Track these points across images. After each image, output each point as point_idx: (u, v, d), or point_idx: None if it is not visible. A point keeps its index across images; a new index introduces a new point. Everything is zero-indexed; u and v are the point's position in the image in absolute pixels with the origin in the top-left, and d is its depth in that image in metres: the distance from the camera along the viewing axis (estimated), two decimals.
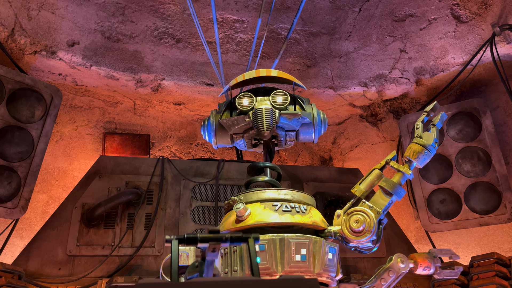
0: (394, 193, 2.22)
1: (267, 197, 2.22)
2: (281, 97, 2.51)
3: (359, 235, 2.17)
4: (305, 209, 2.20)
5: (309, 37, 4.88)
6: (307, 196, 2.31)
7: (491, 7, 4.17)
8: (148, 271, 3.47)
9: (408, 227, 4.86)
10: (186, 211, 3.79)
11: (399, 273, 2.31)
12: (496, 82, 4.53)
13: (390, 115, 5.10)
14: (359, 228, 2.17)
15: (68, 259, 3.39)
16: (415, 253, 2.42)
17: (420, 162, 2.27)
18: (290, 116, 2.46)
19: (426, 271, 2.40)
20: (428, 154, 2.25)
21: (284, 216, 2.12)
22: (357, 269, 3.83)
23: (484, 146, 4.24)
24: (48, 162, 4.48)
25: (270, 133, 2.43)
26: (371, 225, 2.15)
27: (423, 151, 2.24)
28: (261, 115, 2.45)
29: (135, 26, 4.51)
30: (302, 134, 2.58)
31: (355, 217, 2.20)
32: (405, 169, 2.26)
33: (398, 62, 4.70)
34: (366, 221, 2.17)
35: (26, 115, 3.79)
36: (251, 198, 2.23)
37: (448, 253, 2.48)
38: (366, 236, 2.15)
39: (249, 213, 2.14)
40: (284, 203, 2.17)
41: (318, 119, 2.54)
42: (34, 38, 4.01)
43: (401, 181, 2.27)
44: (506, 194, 4.06)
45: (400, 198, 2.26)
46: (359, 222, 2.18)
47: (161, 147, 5.08)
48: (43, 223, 3.58)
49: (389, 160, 2.32)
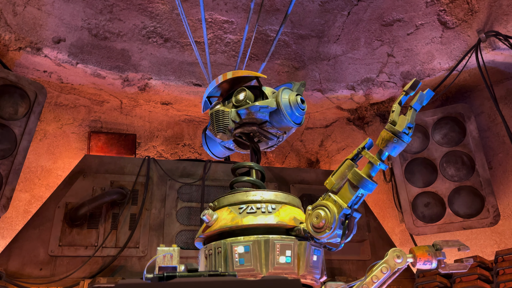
0: (360, 186, 2.00)
1: (235, 200, 2.21)
2: (242, 94, 2.44)
3: (319, 231, 2.00)
4: (273, 208, 2.14)
5: (298, 39, 4.90)
6: (280, 194, 2.25)
7: (477, 14, 4.24)
8: (132, 272, 3.43)
9: (393, 230, 4.90)
10: (172, 211, 3.75)
11: (395, 269, 2.12)
12: (481, 88, 4.60)
13: (377, 119, 5.14)
14: (319, 224, 2.00)
15: (50, 259, 3.33)
16: (415, 247, 2.21)
17: (390, 151, 2.02)
18: (247, 109, 2.39)
19: (427, 265, 2.18)
20: (399, 141, 1.99)
21: (246, 218, 2.10)
22: (342, 271, 3.84)
23: (468, 151, 4.31)
24: (31, 160, 4.40)
25: (223, 134, 2.44)
26: (330, 221, 1.97)
27: (392, 139, 1.99)
28: (212, 120, 2.48)
29: (123, 24, 4.46)
30: (276, 123, 2.43)
31: (316, 212, 2.04)
32: (374, 160, 2.03)
33: (385, 66, 4.74)
34: (327, 216, 1.99)
35: (9, 112, 3.72)
36: (222, 203, 2.25)
37: (456, 245, 2.23)
38: (326, 233, 1.98)
39: (215, 218, 2.15)
40: (251, 205, 2.15)
41: (284, 103, 2.37)
42: (19, 34, 3.94)
43: (371, 172, 2.03)
44: (489, 198, 4.12)
45: (369, 191, 2.03)
46: (319, 217, 2.02)
47: (148, 147, 5.04)
48: (24, 222, 3.51)
49: (361, 148, 2.10)
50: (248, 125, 2.44)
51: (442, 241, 2.25)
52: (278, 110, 2.38)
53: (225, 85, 2.61)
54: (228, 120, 2.43)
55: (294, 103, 2.40)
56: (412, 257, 2.18)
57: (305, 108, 2.47)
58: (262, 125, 2.45)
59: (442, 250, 2.21)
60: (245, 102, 2.41)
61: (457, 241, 2.27)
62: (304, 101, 2.46)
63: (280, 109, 2.37)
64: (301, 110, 2.43)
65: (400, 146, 2.01)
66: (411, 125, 2.00)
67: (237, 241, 2.04)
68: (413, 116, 2.01)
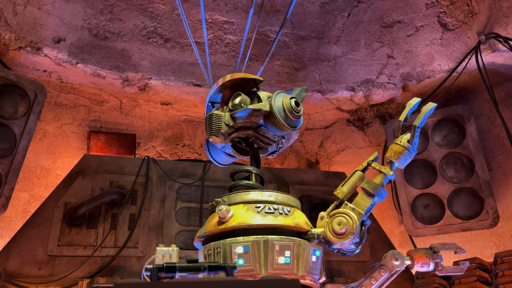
0: (376, 194, 2.21)
1: (250, 198, 2.19)
2: (238, 98, 2.42)
3: (341, 237, 2.14)
4: (289, 211, 2.18)
5: (298, 40, 4.90)
6: (291, 198, 2.29)
7: (477, 16, 4.24)
8: (131, 272, 3.43)
9: (392, 231, 4.90)
10: (171, 212, 3.75)
11: (393, 270, 2.21)
12: (480, 90, 4.60)
13: (377, 120, 5.14)
14: (341, 230, 2.14)
15: (49, 259, 3.33)
16: (412, 249, 2.32)
17: (401, 162, 2.26)
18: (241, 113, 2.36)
19: (424, 268, 2.29)
20: (409, 154, 2.24)
21: (267, 218, 2.09)
22: (341, 272, 3.84)
23: (467, 153, 4.30)
24: (31, 160, 4.40)
25: (216, 137, 2.41)
26: (353, 227, 2.12)
27: (404, 152, 2.23)
28: (205, 123, 2.47)
29: (123, 24, 4.46)
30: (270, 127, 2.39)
31: (338, 219, 2.17)
32: (387, 170, 2.24)
33: (385, 67, 4.74)
34: (349, 223, 2.14)
35: (8, 111, 3.72)
36: (235, 200, 2.21)
37: (453, 247, 2.36)
38: (348, 238, 2.12)
39: (231, 214, 2.12)
40: (268, 205, 2.14)
41: (277, 106, 2.33)
42: (19, 33, 3.94)
43: (383, 182, 2.25)
44: (489, 200, 4.12)
45: (382, 199, 2.25)
46: (341, 224, 2.15)
47: (147, 147, 5.03)
48: (23, 222, 3.51)
49: (371, 161, 2.30)
50: (243, 129, 2.41)
51: (439, 244, 2.34)
52: (272, 114, 2.34)
53: (227, 91, 2.59)
54: (221, 123, 2.41)
55: (288, 107, 2.34)
56: (410, 260, 2.26)
57: (301, 111, 2.41)
58: (258, 129, 2.41)
59: (439, 253, 2.30)
60: (240, 106, 2.38)
61: (454, 244, 2.36)
62: (300, 105, 2.40)
63: (273, 112, 2.33)
64: (296, 114, 2.37)
65: (409, 158, 2.26)
66: (417, 141, 2.28)
67: (236, 242, 2.04)
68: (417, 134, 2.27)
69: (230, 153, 2.67)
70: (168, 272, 1.25)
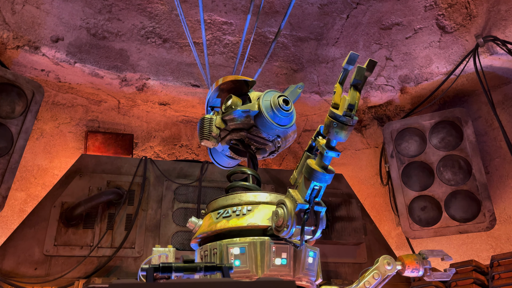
0: (311, 179, 1.86)
1: (217, 205, 2.25)
2: (229, 100, 2.44)
3: (279, 230, 1.91)
4: (249, 210, 2.12)
5: (297, 41, 4.90)
6: (260, 195, 2.20)
7: (476, 19, 4.25)
8: (128, 272, 3.42)
9: (390, 233, 4.90)
10: (168, 212, 3.74)
11: (385, 275, 2.21)
12: (478, 93, 4.61)
13: (375, 122, 5.15)
14: (278, 222, 1.91)
15: (45, 259, 3.31)
16: (403, 255, 2.30)
17: (333, 137, 1.81)
18: (230, 115, 2.37)
19: (415, 273, 2.28)
20: (339, 125, 1.77)
21: (221, 223, 2.12)
22: (338, 274, 3.84)
23: (465, 155, 4.31)
24: (28, 159, 4.38)
25: (207, 141, 2.44)
26: (285, 218, 1.86)
27: (332, 123, 1.78)
28: (198, 128, 2.51)
29: (121, 24, 4.46)
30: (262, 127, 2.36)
31: (275, 210, 1.96)
32: (322, 148, 1.85)
33: (383, 69, 4.75)
34: (284, 214, 1.89)
35: (6, 110, 3.70)
36: (209, 209, 2.31)
37: (440, 254, 2.35)
38: (284, 231, 1.87)
39: (199, 225, 2.25)
40: (228, 209, 2.17)
41: (264, 106, 2.31)
42: (17, 32, 3.93)
43: (324, 162, 1.87)
44: (486, 203, 4.13)
45: (323, 183, 1.88)
46: (277, 215, 1.92)
47: (145, 147, 5.02)
48: (20, 221, 3.50)
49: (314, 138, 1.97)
50: (236, 131, 2.43)
51: (427, 251, 2.37)
52: (260, 113, 2.34)
53: (224, 94, 2.61)
54: (212, 127, 2.44)
55: (275, 105, 2.32)
56: (401, 265, 2.29)
57: (290, 109, 2.36)
58: (251, 130, 2.41)
59: (427, 259, 2.34)
60: (231, 108, 2.39)
61: (441, 251, 2.40)
62: (289, 102, 2.36)
63: (261, 111, 2.33)
64: (285, 112, 2.33)
65: (343, 130, 1.79)
66: (351, 106, 1.77)
67: (233, 243, 2.04)
68: (353, 95, 1.78)
69: (229, 156, 2.68)
70: (164, 272, 1.25)
